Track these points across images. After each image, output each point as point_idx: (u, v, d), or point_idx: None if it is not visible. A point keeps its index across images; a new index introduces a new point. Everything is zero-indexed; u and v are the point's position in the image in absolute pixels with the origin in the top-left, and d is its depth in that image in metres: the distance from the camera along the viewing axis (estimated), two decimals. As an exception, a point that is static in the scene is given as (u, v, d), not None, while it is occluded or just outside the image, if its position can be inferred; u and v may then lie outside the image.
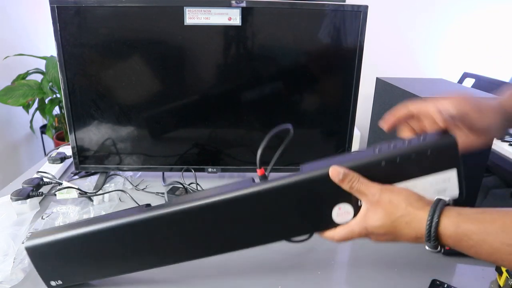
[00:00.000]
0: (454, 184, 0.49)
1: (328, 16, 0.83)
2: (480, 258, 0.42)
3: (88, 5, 0.80)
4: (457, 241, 0.42)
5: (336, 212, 0.49)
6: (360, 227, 0.47)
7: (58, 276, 0.59)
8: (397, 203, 0.45)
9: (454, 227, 0.42)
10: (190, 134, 0.92)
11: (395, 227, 0.45)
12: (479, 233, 0.41)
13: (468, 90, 0.74)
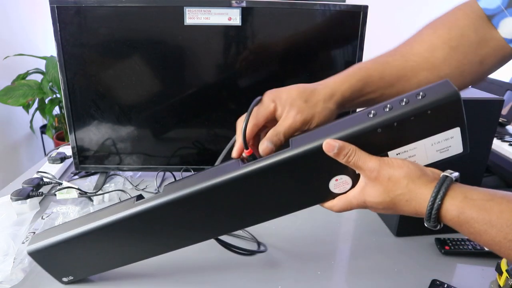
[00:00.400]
0: (458, 140, 0.45)
1: (328, 16, 0.83)
2: (479, 243, 0.41)
3: (88, 5, 0.80)
4: (457, 225, 0.41)
5: (333, 183, 0.47)
6: (358, 200, 0.46)
7: (67, 273, 0.60)
8: (397, 180, 0.42)
9: (457, 212, 0.40)
10: (190, 134, 0.92)
11: (395, 204, 0.43)
12: (482, 223, 0.39)
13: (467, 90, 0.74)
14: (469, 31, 0.49)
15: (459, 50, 0.50)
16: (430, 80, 0.50)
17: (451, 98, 0.42)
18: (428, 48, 0.51)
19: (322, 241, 0.74)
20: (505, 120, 1.70)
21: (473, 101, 0.67)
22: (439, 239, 0.72)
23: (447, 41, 0.50)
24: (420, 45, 0.52)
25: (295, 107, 0.49)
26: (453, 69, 0.51)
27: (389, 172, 0.43)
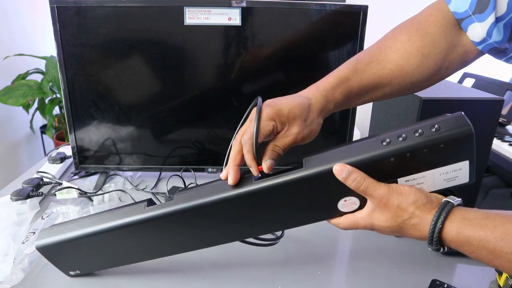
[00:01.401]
0: (466, 172, 0.47)
1: (328, 16, 0.83)
2: (481, 262, 0.43)
3: (88, 5, 0.80)
4: (458, 245, 0.43)
5: (341, 203, 0.49)
6: (366, 222, 0.48)
7: (74, 268, 0.61)
8: (405, 207, 0.45)
9: (455, 232, 0.42)
10: (190, 134, 0.92)
11: (402, 228, 0.46)
12: (479, 240, 0.41)
13: (467, 90, 0.74)
14: (440, 38, 0.52)
15: (431, 57, 0.52)
16: (402, 87, 0.54)
17: (465, 133, 0.44)
18: (403, 56, 0.53)
19: (322, 241, 0.74)
20: (505, 120, 1.70)
21: (473, 101, 0.67)
22: (439, 239, 0.72)
23: (420, 49, 0.52)
24: (395, 53, 0.54)
25: (296, 126, 0.51)
26: (424, 76, 0.53)
27: (398, 200, 0.45)
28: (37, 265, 0.65)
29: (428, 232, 0.43)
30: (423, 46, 0.52)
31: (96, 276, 0.63)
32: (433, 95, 0.66)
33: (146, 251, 0.59)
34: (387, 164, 0.45)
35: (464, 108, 0.66)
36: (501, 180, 1.60)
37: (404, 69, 0.53)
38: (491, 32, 0.49)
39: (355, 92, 0.54)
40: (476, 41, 0.51)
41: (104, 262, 0.62)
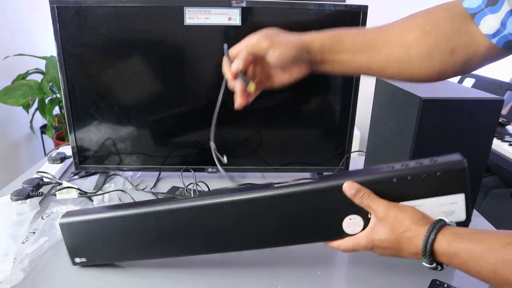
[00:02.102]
0: (462, 208, 0.50)
1: (328, 16, 0.83)
2: (471, 275, 0.45)
3: (88, 5, 0.80)
4: (449, 258, 0.45)
5: (346, 222, 0.52)
6: (367, 240, 0.51)
7: (83, 254, 0.62)
8: (402, 220, 0.48)
9: (446, 244, 0.45)
10: (190, 134, 0.92)
11: (398, 241, 0.48)
12: (467, 252, 0.44)
13: (467, 90, 0.74)
14: (445, 21, 0.52)
15: (432, 34, 0.52)
16: (399, 56, 0.54)
17: (457, 166, 0.50)
18: (403, 27, 0.54)
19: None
20: (505, 120, 1.71)
21: (473, 101, 0.67)
22: (439, 239, 0.72)
23: (422, 25, 0.53)
24: (397, 25, 0.55)
25: (264, 38, 0.54)
26: (423, 51, 0.53)
27: (395, 213, 0.49)
28: (37, 265, 0.65)
29: (422, 244, 0.46)
30: (425, 23, 0.53)
31: (96, 276, 0.63)
32: (433, 95, 0.66)
33: (163, 246, 0.60)
34: (390, 186, 0.50)
35: (464, 108, 0.67)
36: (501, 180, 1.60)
37: (401, 39, 0.53)
38: (505, 22, 0.47)
39: (348, 43, 0.54)
40: (489, 33, 0.49)
41: (117, 253, 0.63)
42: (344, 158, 0.95)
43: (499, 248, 0.42)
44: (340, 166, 0.95)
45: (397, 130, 0.74)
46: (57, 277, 0.63)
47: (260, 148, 0.94)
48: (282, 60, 0.55)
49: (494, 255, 0.42)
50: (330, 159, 0.96)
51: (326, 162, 0.96)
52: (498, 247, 0.43)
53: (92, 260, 0.63)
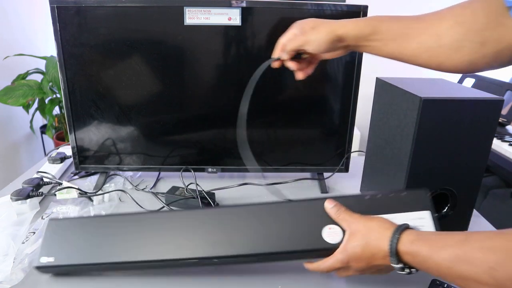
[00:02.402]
0: (430, 223, 0.57)
1: (328, 16, 0.83)
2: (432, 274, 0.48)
3: (88, 5, 0.80)
4: (413, 256, 0.49)
5: (326, 231, 0.57)
6: (343, 255, 0.54)
7: (53, 254, 0.61)
8: (371, 226, 0.53)
9: (409, 244, 0.49)
10: (190, 134, 0.92)
11: (368, 245, 0.52)
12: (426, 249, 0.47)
13: (467, 90, 0.74)
14: (480, 13, 0.52)
15: (464, 25, 0.53)
16: (429, 45, 0.55)
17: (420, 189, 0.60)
18: (437, 17, 0.56)
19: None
20: (505, 120, 1.71)
21: (473, 101, 0.67)
22: (439, 239, 0.72)
23: (456, 15, 0.54)
24: (433, 15, 0.57)
25: (300, 31, 0.63)
26: (453, 41, 0.54)
27: (366, 222, 0.54)
28: (37, 265, 0.65)
29: (388, 243, 0.50)
30: (459, 13, 0.54)
31: (96, 276, 0.63)
32: (433, 95, 0.66)
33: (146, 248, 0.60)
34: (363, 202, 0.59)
35: (464, 108, 0.67)
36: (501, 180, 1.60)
37: (434, 28, 0.55)
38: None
39: (383, 32, 0.58)
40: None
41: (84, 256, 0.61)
42: (344, 158, 0.95)
43: (454, 244, 0.45)
44: (340, 166, 0.95)
45: (397, 130, 0.74)
46: (57, 277, 0.63)
47: (260, 148, 0.94)
48: (318, 51, 0.62)
49: (449, 251, 0.44)
50: (330, 159, 0.96)
51: (326, 162, 0.96)
52: (452, 244, 0.45)
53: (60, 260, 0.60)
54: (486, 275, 0.41)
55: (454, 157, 0.70)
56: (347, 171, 0.97)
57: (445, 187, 0.73)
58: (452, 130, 0.68)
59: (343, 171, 0.97)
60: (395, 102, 0.75)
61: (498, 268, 0.40)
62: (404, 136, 0.71)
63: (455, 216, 0.76)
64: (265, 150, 0.94)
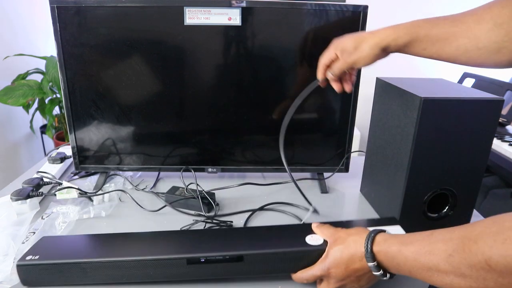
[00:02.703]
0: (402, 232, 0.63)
1: (328, 16, 0.83)
2: (402, 273, 0.50)
3: (88, 5, 0.80)
4: (385, 254, 0.51)
5: (309, 238, 0.61)
6: (323, 260, 0.57)
7: (39, 253, 0.61)
8: (350, 232, 0.57)
9: (383, 242, 0.52)
10: (190, 134, 0.92)
11: (347, 247, 0.55)
12: (396, 246, 0.50)
13: (467, 90, 0.74)
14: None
15: (503, 27, 0.53)
16: (467, 48, 0.56)
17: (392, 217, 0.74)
18: (476, 19, 0.56)
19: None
20: (505, 120, 1.71)
21: (473, 101, 0.67)
22: (439, 239, 0.72)
23: (494, 17, 0.54)
24: (471, 16, 0.57)
25: (346, 53, 0.65)
26: (491, 44, 0.54)
27: (346, 230, 0.59)
28: (37, 265, 0.65)
29: (364, 244, 0.52)
30: (498, 14, 0.53)
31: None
32: (433, 95, 0.66)
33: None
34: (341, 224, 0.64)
35: (464, 108, 0.67)
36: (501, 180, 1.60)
37: (472, 32, 0.55)
38: None
39: (421, 39, 0.59)
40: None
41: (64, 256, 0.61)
42: (344, 158, 0.95)
43: (420, 239, 0.47)
44: (340, 166, 0.95)
45: (397, 130, 0.74)
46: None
47: (260, 148, 0.94)
48: (365, 66, 0.66)
49: (415, 244, 0.47)
50: (330, 159, 0.96)
51: (326, 162, 0.96)
52: (419, 238, 0.47)
53: (45, 258, 0.60)
54: (445, 263, 0.43)
55: (454, 157, 0.70)
56: (347, 171, 0.97)
57: (445, 187, 0.73)
58: (452, 130, 0.68)
59: (343, 171, 0.97)
60: (395, 102, 0.75)
61: (455, 255, 0.42)
62: (404, 136, 0.71)
63: (455, 216, 0.76)
64: (265, 150, 0.94)
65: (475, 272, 0.40)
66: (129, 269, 0.59)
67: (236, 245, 0.61)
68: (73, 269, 0.59)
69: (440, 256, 0.43)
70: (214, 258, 0.59)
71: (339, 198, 0.93)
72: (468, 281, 0.41)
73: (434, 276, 0.45)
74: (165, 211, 0.84)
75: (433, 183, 0.72)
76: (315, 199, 0.90)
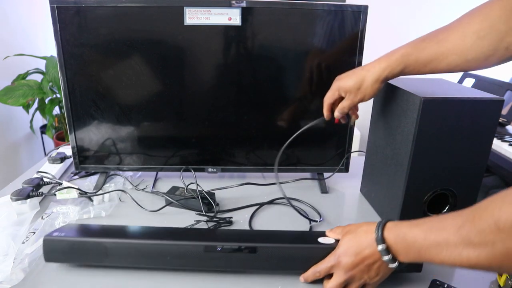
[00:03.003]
0: None
1: (328, 16, 0.83)
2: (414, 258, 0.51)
3: (88, 5, 0.80)
4: (395, 237, 0.52)
5: (321, 238, 0.63)
6: (335, 250, 0.59)
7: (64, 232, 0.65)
8: (361, 224, 0.59)
9: (393, 226, 0.54)
10: (190, 134, 0.92)
11: (357, 236, 0.57)
12: (407, 227, 0.51)
13: (467, 90, 0.74)
14: (499, 22, 0.57)
15: (486, 38, 0.58)
16: (457, 63, 0.62)
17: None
18: (460, 36, 0.61)
19: (322, 241, 0.74)
20: (505, 120, 1.70)
21: (473, 101, 0.67)
22: (439, 239, 0.72)
23: (476, 31, 0.59)
24: (454, 34, 0.61)
25: (352, 93, 0.71)
26: (479, 54, 0.59)
27: (354, 224, 0.62)
28: (37, 265, 0.65)
29: (374, 229, 0.54)
30: (480, 28, 0.58)
31: (96, 277, 0.63)
32: (433, 95, 0.66)
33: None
34: None
35: (464, 108, 0.67)
36: (501, 180, 1.60)
37: (459, 48, 0.60)
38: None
39: (412, 64, 0.65)
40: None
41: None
42: (344, 158, 0.95)
43: (429, 220, 0.49)
44: (340, 166, 0.95)
45: (397, 130, 0.74)
46: (57, 277, 0.63)
47: (260, 148, 0.94)
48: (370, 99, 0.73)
49: (425, 223, 0.49)
50: (330, 159, 0.96)
51: (326, 162, 0.96)
52: (428, 220, 0.49)
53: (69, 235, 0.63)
54: (455, 235, 0.44)
55: (454, 157, 0.70)
56: (347, 171, 0.97)
57: (445, 187, 0.73)
58: (452, 130, 0.68)
59: (343, 171, 0.97)
60: (395, 102, 0.75)
61: (465, 225, 0.43)
62: (404, 136, 0.71)
63: (455, 216, 0.75)
64: (265, 150, 0.94)
65: (484, 238, 0.41)
66: (148, 253, 0.62)
67: (250, 239, 0.64)
68: (95, 248, 0.62)
69: (450, 230, 0.45)
70: (230, 247, 0.61)
71: (339, 198, 0.93)
72: (477, 250, 0.42)
73: (443, 252, 0.45)
74: (165, 211, 0.84)
75: (433, 183, 0.72)
76: (315, 199, 0.90)
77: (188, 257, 0.62)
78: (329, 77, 0.89)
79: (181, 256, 0.62)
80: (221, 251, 0.61)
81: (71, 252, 0.62)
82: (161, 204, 0.85)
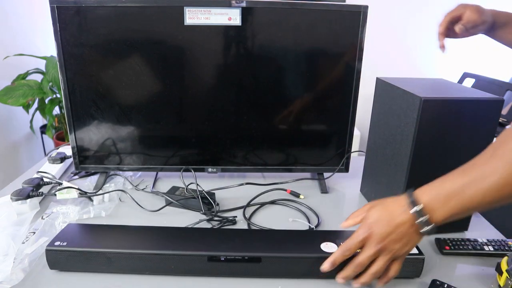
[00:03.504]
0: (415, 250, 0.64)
1: (328, 16, 0.83)
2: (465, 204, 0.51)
3: (88, 5, 0.80)
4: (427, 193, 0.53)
5: (323, 245, 0.63)
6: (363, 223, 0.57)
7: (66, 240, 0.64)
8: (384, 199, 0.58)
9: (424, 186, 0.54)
10: (190, 134, 0.92)
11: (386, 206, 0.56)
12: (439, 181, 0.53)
13: (467, 90, 0.74)
14: None
15: None
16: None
17: None
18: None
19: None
20: (505, 120, 1.70)
21: (473, 101, 0.67)
22: (439, 239, 0.72)
23: None
24: None
25: (474, 12, 0.81)
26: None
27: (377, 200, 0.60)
28: (37, 265, 0.65)
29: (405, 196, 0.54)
30: None
31: (96, 276, 0.63)
32: (433, 95, 0.66)
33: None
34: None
35: (464, 108, 0.67)
36: (501, 180, 1.59)
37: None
38: None
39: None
40: None
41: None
42: (344, 158, 0.95)
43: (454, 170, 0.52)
44: (340, 166, 0.95)
45: (397, 130, 0.74)
46: (57, 277, 0.63)
47: (260, 148, 0.94)
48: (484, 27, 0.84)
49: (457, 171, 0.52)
50: (330, 159, 0.96)
51: (326, 162, 0.96)
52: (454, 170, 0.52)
53: (71, 244, 0.63)
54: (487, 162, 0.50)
55: (454, 157, 0.70)
56: (347, 171, 0.97)
57: None
58: (452, 130, 0.68)
59: (343, 171, 0.97)
60: (395, 102, 0.75)
61: (497, 147, 0.52)
62: (404, 136, 0.71)
63: (455, 216, 0.75)
64: (265, 150, 0.94)
65: None
66: (152, 262, 0.62)
67: (254, 247, 0.63)
68: (98, 258, 0.62)
69: (482, 158, 0.51)
70: (233, 258, 0.61)
71: (339, 198, 0.93)
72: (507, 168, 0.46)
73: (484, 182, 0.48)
74: (165, 211, 0.84)
75: (433, 183, 0.72)
76: (315, 199, 0.90)
77: (192, 266, 0.62)
78: (328, 77, 0.89)
79: (184, 265, 0.62)
80: (225, 261, 0.61)
81: (74, 261, 0.62)
82: (161, 204, 0.85)
